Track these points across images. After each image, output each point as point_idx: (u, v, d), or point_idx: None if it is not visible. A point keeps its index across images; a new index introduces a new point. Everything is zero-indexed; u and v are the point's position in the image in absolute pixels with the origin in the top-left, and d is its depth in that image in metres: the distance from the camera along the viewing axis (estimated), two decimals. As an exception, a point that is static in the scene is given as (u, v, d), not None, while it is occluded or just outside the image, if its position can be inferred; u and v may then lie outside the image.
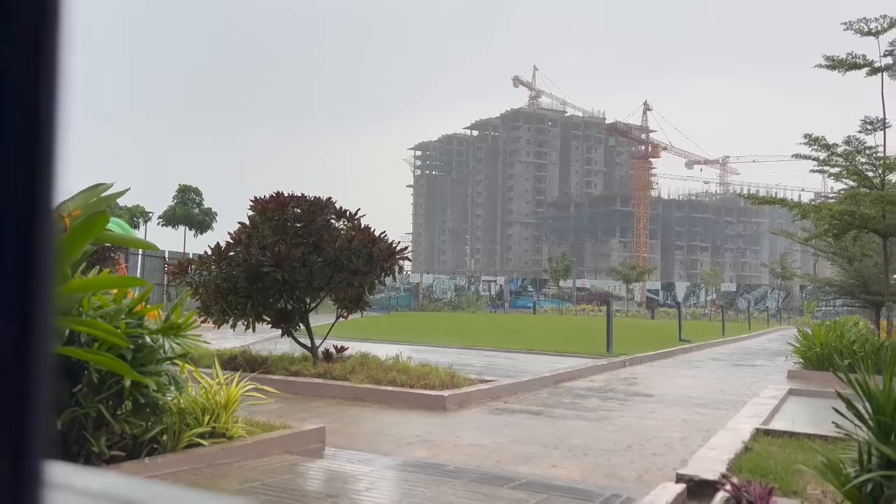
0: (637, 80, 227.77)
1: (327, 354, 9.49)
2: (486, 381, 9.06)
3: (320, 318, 12.58)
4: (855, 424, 2.79)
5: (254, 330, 9.73)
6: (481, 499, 4.22)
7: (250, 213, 9.50)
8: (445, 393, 7.82)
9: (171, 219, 46.51)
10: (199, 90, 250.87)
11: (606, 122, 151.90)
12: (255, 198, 9.50)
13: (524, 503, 4.16)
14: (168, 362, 4.53)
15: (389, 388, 8.08)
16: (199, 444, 4.73)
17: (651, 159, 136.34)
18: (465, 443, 5.95)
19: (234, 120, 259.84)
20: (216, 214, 47.93)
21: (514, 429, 6.71)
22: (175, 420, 4.70)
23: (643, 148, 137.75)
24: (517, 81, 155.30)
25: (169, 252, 31.29)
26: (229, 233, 9.55)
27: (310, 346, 9.69)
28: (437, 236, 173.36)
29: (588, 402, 8.68)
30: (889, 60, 11.96)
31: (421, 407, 7.61)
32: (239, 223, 9.57)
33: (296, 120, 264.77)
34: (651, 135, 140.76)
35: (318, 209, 9.34)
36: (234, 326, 9.56)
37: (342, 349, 9.74)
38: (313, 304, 9.83)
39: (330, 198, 9.62)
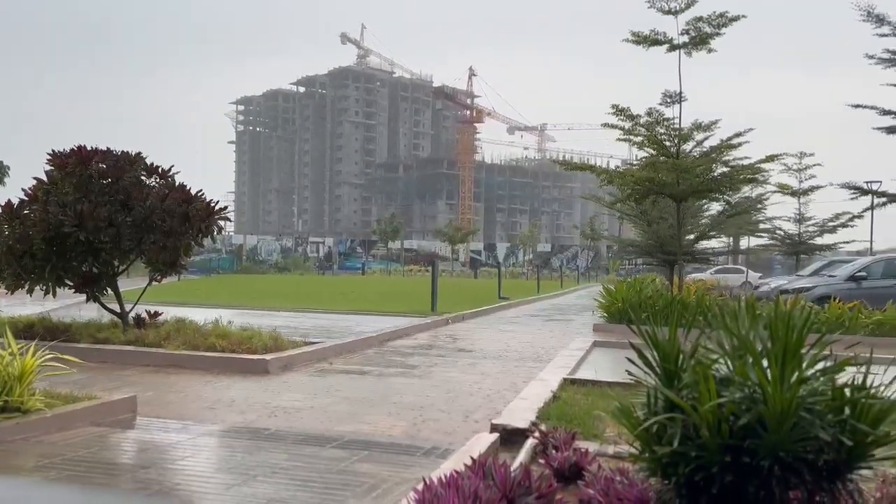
0: (463, 46, 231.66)
1: (139, 320, 8.95)
2: (312, 343, 8.99)
3: (133, 283, 11.81)
4: (645, 372, 3.05)
5: (54, 295, 8.97)
6: (303, 460, 4.21)
7: (48, 168, 8.66)
8: (268, 357, 7.67)
9: (-48, 172, 41.31)
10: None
11: (434, 85, 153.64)
12: (54, 151, 8.66)
13: (346, 461, 4.20)
14: (-53, 333, 4.06)
15: (208, 354, 7.79)
16: (-13, 422, 4.31)
17: (476, 124, 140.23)
18: (288, 405, 5.89)
19: (28, 64, 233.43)
20: (8, 168, 43.07)
21: (338, 389, 6.73)
22: (-42, 397, 4.24)
23: (468, 113, 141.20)
24: (345, 38, 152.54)
25: (-49, 210, 27.96)
26: (24, 189, 8.67)
27: (119, 311, 9.09)
28: (263, 196, 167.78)
29: (412, 359, 8.89)
30: (685, 38, 13.02)
31: (243, 372, 7.42)
32: (35, 179, 8.70)
33: (100, 68, 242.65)
34: (476, 100, 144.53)
35: (127, 165, 8.69)
36: (30, 292, 8.77)
37: (156, 314, 9.23)
38: (122, 267, 9.20)
39: (140, 153, 8.98)
